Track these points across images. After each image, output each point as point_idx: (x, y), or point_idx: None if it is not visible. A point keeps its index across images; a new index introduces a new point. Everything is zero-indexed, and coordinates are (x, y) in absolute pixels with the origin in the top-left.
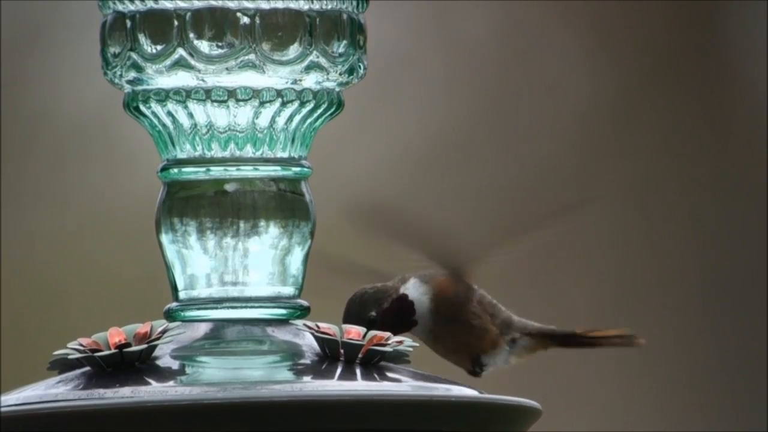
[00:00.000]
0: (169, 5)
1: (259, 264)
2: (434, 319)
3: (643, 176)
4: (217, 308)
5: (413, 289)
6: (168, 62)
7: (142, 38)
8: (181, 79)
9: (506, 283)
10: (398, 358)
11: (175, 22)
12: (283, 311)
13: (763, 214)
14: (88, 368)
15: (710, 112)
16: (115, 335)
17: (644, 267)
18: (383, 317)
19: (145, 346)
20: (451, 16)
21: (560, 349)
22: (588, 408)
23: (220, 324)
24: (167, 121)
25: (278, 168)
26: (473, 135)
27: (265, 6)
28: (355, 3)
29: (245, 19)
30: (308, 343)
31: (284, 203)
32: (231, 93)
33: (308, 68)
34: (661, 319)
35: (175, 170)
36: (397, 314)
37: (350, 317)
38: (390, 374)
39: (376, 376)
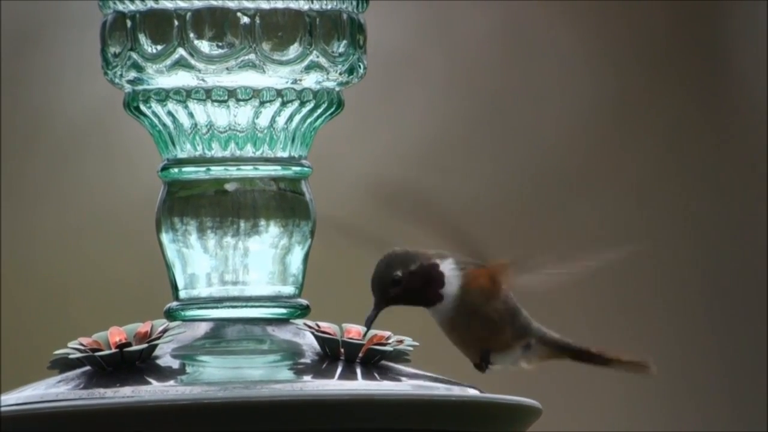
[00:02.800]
0: (169, 5)
1: (260, 263)
2: (457, 305)
3: (644, 175)
4: (217, 307)
5: (448, 266)
6: (168, 62)
7: (142, 38)
8: (182, 78)
9: None
10: (398, 357)
11: (176, 22)
12: (283, 310)
13: (764, 213)
14: (88, 368)
15: (710, 111)
16: (116, 335)
17: (644, 267)
18: (408, 280)
19: (145, 345)
20: (452, 16)
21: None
22: (588, 408)
23: (221, 323)
24: (167, 120)
25: (278, 167)
26: (473, 134)
27: (265, 6)
28: (355, 3)
29: (245, 19)
30: (308, 342)
31: (284, 202)
32: (231, 93)
33: (308, 68)
34: (661, 319)
35: (176, 170)
36: (423, 280)
37: (377, 276)
38: (390, 374)
39: (376, 375)
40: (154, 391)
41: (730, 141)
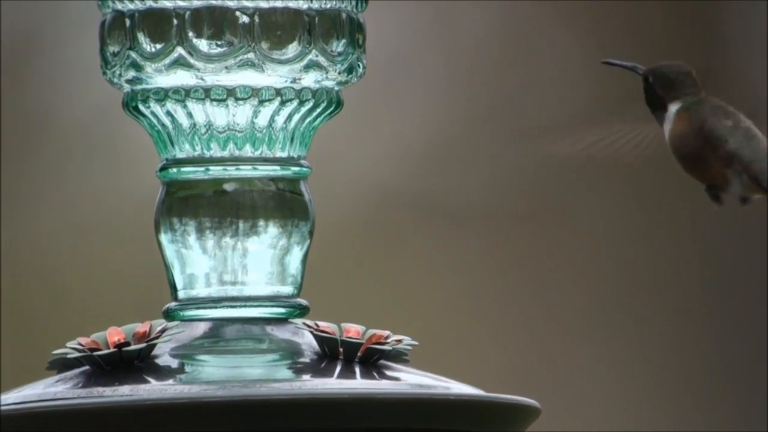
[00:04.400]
0: (168, 4)
1: (258, 263)
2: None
3: (643, 175)
4: (216, 307)
5: (676, 105)
6: (167, 61)
7: (141, 37)
8: (180, 78)
9: (504, 281)
10: (397, 356)
11: (175, 21)
12: (282, 310)
13: (763, 213)
14: (87, 367)
15: None
16: (114, 334)
17: (644, 266)
18: (653, 80)
19: (144, 345)
20: (451, 16)
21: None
22: (588, 408)
23: (219, 323)
24: (166, 120)
25: (277, 167)
26: (472, 134)
27: (264, 5)
28: (354, 2)
29: (244, 18)
30: (307, 341)
31: (283, 203)
32: (230, 92)
33: (307, 67)
34: (661, 319)
35: (174, 170)
36: (658, 97)
37: (655, 67)
38: (389, 373)
39: (375, 374)
40: (152, 390)
41: None
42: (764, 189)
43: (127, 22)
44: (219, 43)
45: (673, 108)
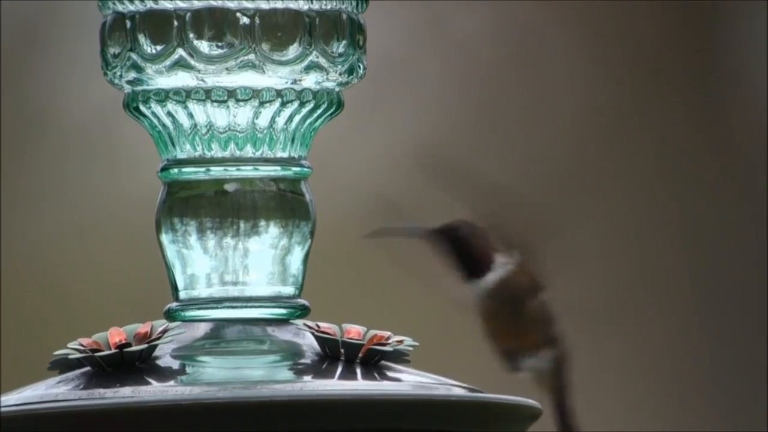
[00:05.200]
0: (168, 5)
1: (259, 264)
2: (494, 292)
3: (640, 177)
4: (217, 308)
5: (503, 259)
6: (168, 62)
7: (141, 38)
8: (181, 79)
9: None
10: (398, 357)
11: (175, 23)
12: (283, 311)
13: (760, 214)
14: (88, 368)
15: (707, 114)
16: (116, 335)
17: (641, 267)
18: (473, 236)
19: (145, 345)
20: (447, 19)
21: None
22: (587, 409)
23: (221, 324)
24: (167, 121)
25: (278, 168)
26: (470, 136)
27: (264, 6)
28: (354, 3)
29: (245, 20)
30: (308, 342)
31: (284, 203)
32: (231, 93)
33: (308, 68)
34: (660, 319)
35: (175, 170)
36: (480, 248)
37: (442, 224)
38: (390, 374)
39: (376, 375)
40: (154, 391)
41: (728, 143)
42: (557, 388)
43: (128, 23)
44: (219, 44)
45: (504, 261)
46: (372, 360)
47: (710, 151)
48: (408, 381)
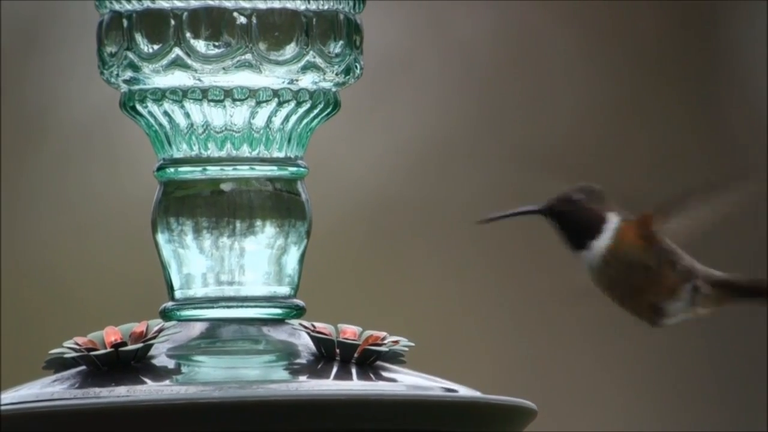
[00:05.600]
0: (165, 5)
1: (255, 264)
2: (609, 260)
3: (639, 177)
4: (213, 308)
5: (611, 222)
6: (165, 62)
7: (138, 38)
8: (178, 78)
9: (500, 283)
10: (394, 358)
11: (172, 22)
12: (278, 311)
13: (759, 213)
14: (83, 367)
15: (707, 114)
16: (111, 334)
17: None
18: (579, 209)
19: (140, 345)
20: (447, 18)
21: (561, 345)
22: (584, 409)
23: (216, 323)
24: (164, 120)
25: (274, 168)
26: (469, 135)
27: (261, 6)
28: (351, 3)
29: (242, 19)
30: (304, 342)
31: (280, 203)
32: (227, 93)
33: (305, 68)
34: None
35: (172, 170)
36: (587, 219)
37: (563, 190)
38: (386, 374)
39: (371, 375)
40: (149, 390)
41: (728, 144)
42: (732, 290)
43: (125, 22)
44: (216, 44)
45: (614, 221)
46: (368, 360)
47: (710, 151)
48: (404, 381)
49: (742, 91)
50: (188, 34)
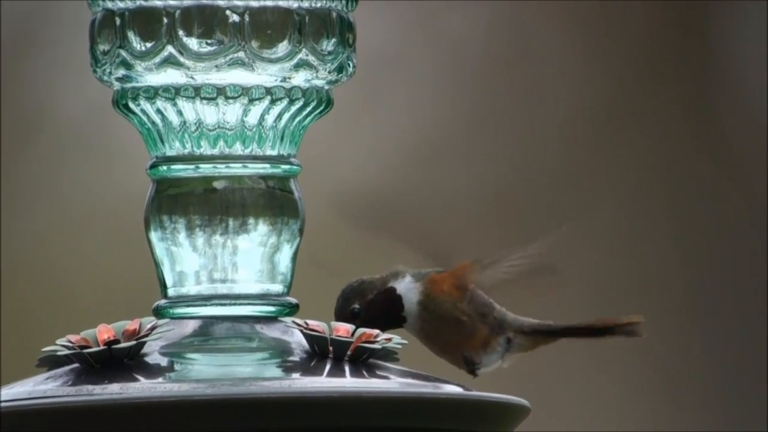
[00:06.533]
0: (158, 3)
1: (248, 261)
2: (423, 317)
3: (633, 176)
4: (206, 305)
5: (404, 284)
6: (157, 60)
7: (131, 36)
8: (171, 76)
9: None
10: (387, 355)
11: (165, 20)
12: (271, 308)
13: (755, 213)
14: (76, 365)
15: (701, 113)
16: (104, 332)
17: (634, 267)
18: (367, 310)
19: (133, 342)
20: (441, 16)
21: (558, 345)
22: (578, 408)
23: (209, 321)
24: (156, 118)
25: (267, 166)
26: (462, 134)
27: (254, 4)
28: (344, 1)
29: (234, 17)
30: (297, 340)
31: (273, 201)
32: (220, 90)
33: (297, 66)
34: (655, 320)
35: (164, 167)
36: (383, 308)
37: (336, 311)
38: (379, 371)
39: (364, 373)
40: (142, 388)
41: (722, 143)
42: (545, 336)
43: (117, 20)
44: (209, 41)
45: (408, 280)
46: (361, 358)
47: (704, 150)
48: (397, 379)
49: (736, 89)
50: (181, 32)
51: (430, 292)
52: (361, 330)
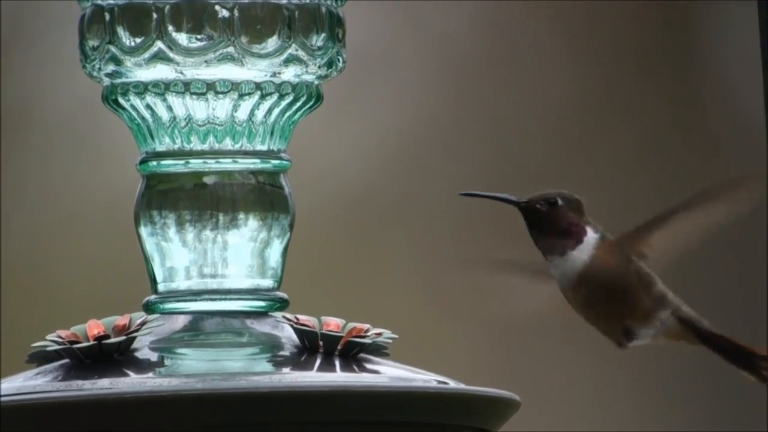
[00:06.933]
0: None
1: (238, 256)
2: (583, 277)
3: (619, 173)
4: (196, 300)
5: (591, 236)
6: (147, 55)
7: (120, 31)
8: (160, 71)
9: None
10: (377, 350)
11: (154, 15)
12: (262, 303)
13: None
14: (66, 360)
15: (687, 111)
16: (94, 327)
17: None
18: (559, 212)
19: (123, 337)
20: (428, 12)
21: (552, 342)
22: (568, 403)
23: (199, 316)
24: (146, 113)
25: (257, 161)
26: (447, 128)
27: None
28: None
29: (224, 12)
30: (287, 335)
31: (263, 196)
32: (210, 86)
33: (287, 61)
34: None
35: (154, 163)
36: (566, 226)
37: (537, 195)
38: (369, 366)
39: (354, 367)
40: (132, 383)
41: (708, 141)
42: (694, 332)
43: (107, 16)
44: (199, 37)
45: (593, 237)
46: (351, 352)
47: (690, 148)
48: (387, 373)
49: (721, 85)
50: (170, 28)
51: (599, 257)
52: (351, 325)
